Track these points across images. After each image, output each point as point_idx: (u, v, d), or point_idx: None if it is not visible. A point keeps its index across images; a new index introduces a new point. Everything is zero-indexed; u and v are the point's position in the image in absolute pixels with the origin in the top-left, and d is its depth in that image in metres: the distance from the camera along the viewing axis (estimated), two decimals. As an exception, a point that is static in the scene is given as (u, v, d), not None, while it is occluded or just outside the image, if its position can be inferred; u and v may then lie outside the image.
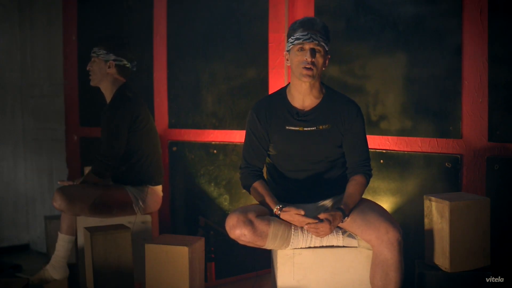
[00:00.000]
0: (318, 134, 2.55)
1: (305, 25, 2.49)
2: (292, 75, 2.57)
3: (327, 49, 2.51)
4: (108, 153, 3.14)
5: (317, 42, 2.47)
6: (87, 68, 3.29)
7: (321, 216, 2.37)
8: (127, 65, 3.29)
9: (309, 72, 2.48)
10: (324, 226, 2.35)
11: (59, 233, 3.18)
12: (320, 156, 2.58)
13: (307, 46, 2.47)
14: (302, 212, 2.41)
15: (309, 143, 2.56)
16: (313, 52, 2.47)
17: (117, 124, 3.16)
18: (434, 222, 2.50)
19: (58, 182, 3.33)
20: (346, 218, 2.41)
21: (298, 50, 2.49)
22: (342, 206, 2.42)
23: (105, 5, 4.25)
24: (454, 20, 2.86)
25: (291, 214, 2.42)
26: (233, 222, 2.41)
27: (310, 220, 2.38)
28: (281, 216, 2.46)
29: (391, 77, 3.08)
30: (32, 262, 4.36)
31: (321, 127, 2.56)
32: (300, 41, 2.47)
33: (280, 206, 2.47)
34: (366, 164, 2.58)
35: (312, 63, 2.47)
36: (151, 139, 3.32)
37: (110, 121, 3.16)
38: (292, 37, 2.51)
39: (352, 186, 2.51)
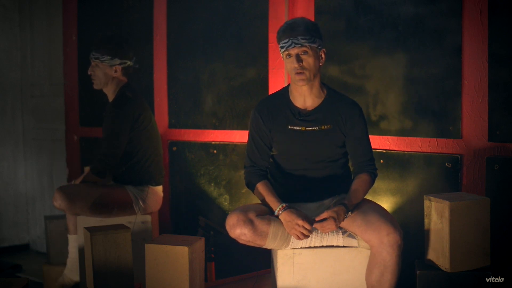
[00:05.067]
0: (319, 134, 2.55)
1: (286, 31, 2.49)
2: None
3: (316, 46, 2.50)
4: (108, 152, 3.14)
5: (299, 45, 2.46)
6: (88, 73, 3.26)
7: (325, 214, 2.36)
8: (130, 64, 3.30)
9: (302, 77, 2.49)
10: (329, 223, 2.36)
11: (68, 235, 3.18)
12: (321, 156, 2.58)
13: (292, 52, 2.48)
14: (308, 227, 2.37)
15: (311, 143, 2.56)
16: (298, 57, 2.47)
17: (118, 123, 3.15)
18: (434, 222, 2.50)
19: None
20: (349, 212, 2.42)
21: (286, 57, 2.51)
22: (345, 201, 2.43)
23: (105, 5, 4.24)
24: (454, 20, 2.86)
25: (293, 219, 2.39)
26: (233, 221, 2.41)
27: (306, 232, 2.39)
28: (281, 215, 2.43)
29: (391, 77, 3.08)
30: (32, 262, 4.37)
31: (323, 127, 2.56)
32: (284, 49, 2.48)
33: (285, 205, 2.45)
34: (370, 164, 2.59)
35: (302, 67, 2.47)
36: (152, 139, 3.31)
37: (112, 120, 3.16)
38: (279, 46, 2.53)
39: (356, 183, 2.52)
